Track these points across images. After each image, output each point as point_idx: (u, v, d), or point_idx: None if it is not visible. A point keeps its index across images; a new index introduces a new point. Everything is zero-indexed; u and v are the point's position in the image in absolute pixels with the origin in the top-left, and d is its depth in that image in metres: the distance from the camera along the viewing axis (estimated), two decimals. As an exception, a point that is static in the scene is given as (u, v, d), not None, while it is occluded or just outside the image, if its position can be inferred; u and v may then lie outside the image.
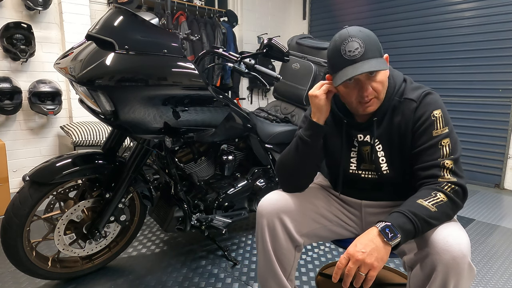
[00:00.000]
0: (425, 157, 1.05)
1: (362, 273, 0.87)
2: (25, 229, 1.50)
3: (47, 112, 2.90)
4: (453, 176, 1.00)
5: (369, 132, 1.13)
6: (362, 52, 0.99)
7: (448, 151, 1.03)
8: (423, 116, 1.06)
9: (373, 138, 1.13)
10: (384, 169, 1.14)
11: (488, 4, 3.38)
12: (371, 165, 1.16)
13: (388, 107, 1.10)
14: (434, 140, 1.04)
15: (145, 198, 1.78)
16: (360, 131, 1.15)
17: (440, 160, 1.02)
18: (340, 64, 1.01)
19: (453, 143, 1.04)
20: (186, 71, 1.45)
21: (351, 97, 1.05)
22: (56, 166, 1.51)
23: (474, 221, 2.60)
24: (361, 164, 1.18)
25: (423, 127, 1.06)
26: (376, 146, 1.14)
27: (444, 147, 1.03)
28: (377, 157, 1.14)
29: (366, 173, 1.19)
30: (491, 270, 1.91)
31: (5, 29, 2.75)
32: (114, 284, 1.71)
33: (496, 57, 3.38)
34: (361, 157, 1.17)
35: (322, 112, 1.12)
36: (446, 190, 0.98)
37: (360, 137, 1.16)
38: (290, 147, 1.21)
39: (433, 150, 1.04)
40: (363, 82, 1.02)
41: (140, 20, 1.40)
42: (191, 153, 1.83)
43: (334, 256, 2.02)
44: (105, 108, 1.35)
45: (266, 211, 1.15)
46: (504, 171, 3.43)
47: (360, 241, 0.89)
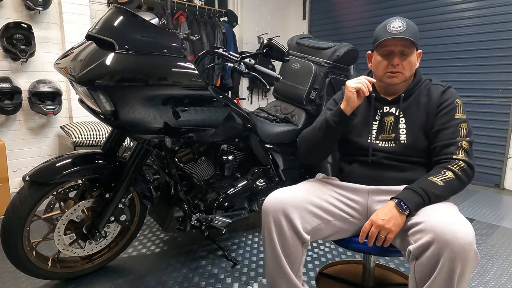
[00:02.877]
0: (445, 135, 1.20)
1: (382, 235, 1.08)
2: (25, 229, 1.50)
3: (47, 112, 2.90)
4: (466, 155, 1.18)
5: (396, 106, 1.30)
6: (404, 29, 1.19)
7: (465, 133, 1.20)
8: (449, 100, 1.24)
9: (398, 110, 1.28)
10: (403, 138, 1.26)
11: (488, 4, 3.38)
12: (389, 134, 1.28)
13: (415, 89, 1.30)
14: (455, 122, 1.21)
15: (145, 198, 1.78)
16: (387, 104, 1.31)
17: (458, 140, 1.19)
18: (383, 35, 1.21)
19: (469, 128, 1.23)
20: (186, 71, 1.45)
21: (381, 66, 1.25)
22: (56, 166, 1.51)
23: (474, 221, 2.60)
24: (379, 135, 1.30)
25: (447, 108, 1.23)
26: (400, 117, 1.28)
27: (462, 129, 1.21)
28: (398, 128, 1.28)
29: (384, 143, 1.29)
30: (491, 270, 1.91)
31: (5, 29, 2.75)
32: (114, 284, 1.71)
33: (496, 57, 3.38)
34: (381, 128, 1.30)
35: (349, 104, 1.23)
36: (455, 168, 1.15)
37: (386, 109, 1.31)
38: (315, 125, 1.34)
39: (453, 129, 1.20)
40: (395, 54, 1.22)
41: (140, 20, 1.40)
42: (191, 153, 1.83)
43: (334, 256, 2.02)
44: (105, 108, 1.35)
45: (271, 209, 1.16)
46: (504, 171, 3.43)
47: (380, 211, 1.10)
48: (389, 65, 1.23)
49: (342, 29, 4.61)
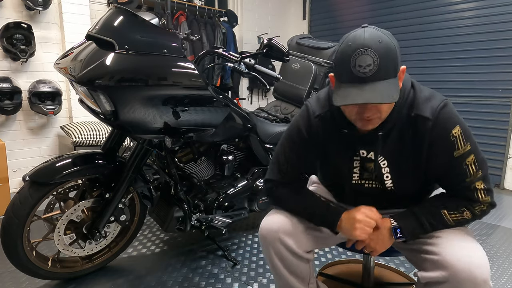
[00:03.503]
0: (450, 180, 1.00)
1: (366, 250, 1.05)
2: (25, 229, 1.50)
3: (47, 112, 2.90)
4: (486, 195, 0.97)
5: (373, 148, 1.03)
6: (374, 70, 0.85)
7: (475, 169, 0.95)
8: (441, 138, 0.96)
9: (377, 155, 1.04)
10: (389, 185, 1.07)
11: (488, 4, 3.38)
12: (374, 179, 1.09)
13: (396, 121, 0.98)
14: (457, 162, 0.96)
15: (145, 198, 1.78)
16: (363, 145, 1.05)
17: (469, 183, 0.96)
18: (346, 77, 0.89)
19: (479, 158, 0.96)
20: (186, 71, 1.45)
21: (351, 111, 0.95)
22: (56, 166, 1.51)
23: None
24: (363, 173, 1.09)
25: (442, 149, 0.96)
26: (381, 162, 1.05)
27: (469, 166, 0.95)
28: (381, 174, 1.06)
29: (370, 183, 1.10)
30: (491, 270, 1.91)
31: (5, 29, 2.75)
32: (114, 284, 1.71)
33: (496, 57, 3.38)
34: (364, 168, 1.09)
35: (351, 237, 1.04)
36: (476, 210, 0.98)
37: (362, 153, 1.06)
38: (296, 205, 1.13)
39: (457, 172, 0.97)
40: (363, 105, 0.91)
41: (140, 20, 1.40)
42: (191, 153, 1.83)
43: (334, 256, 2.02)
44: (105, 108, 1.35)
45: (268, 238, 1.10)
46: (504, 171, 3.43)
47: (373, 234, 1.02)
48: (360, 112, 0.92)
49: (342, 29, 4.60)
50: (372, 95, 0.85)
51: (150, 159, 1.93)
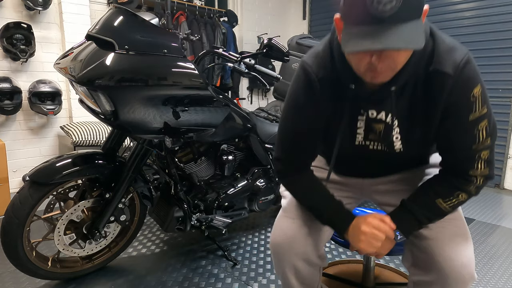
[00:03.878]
0: (457, 143, 0.88)
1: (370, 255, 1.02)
2: (25, 229, 1.49)
3: (47, 112, 2.90)
4: (486, 167, 0.88)
5: (384, 108, 0.89)
6: (397, 8, 0.68)
7: (485, 135, 0.85)
8: (461, 99, 0.83)
9: (388, 115, 0.90)
10: (398, 147, 0.94)
11: (488, 4, 3.38)
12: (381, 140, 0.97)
13: (410, 75, 0.84)
14: (470, 126, 0.85)
15: (145, 198, 1.78)
16: (372, 105, 0.90)
17: (475, 150, 0.86)
18: (360, 17, 0.72)
19: (491, 124, 0.86)
20: (186, 71, 1.45)
21: (360, 61, 0.78)
22: (56, 166, 1.51)
23: (474, 221, 2.60)
24: (369, 134, 0.96)
25: (458, 110, 0.85)
26: (391, 123, 0.91)
27: (480, 132, 0.85)
28: (391, 135, 0.93)
29: (375, 145, 0.97)
30: (491, 270, 1.91)
31: (5, 29, 2.75)
32: (114, 284, 1.71)
33: (496, 57, 3.38)
34: (370, 129, 0.95)
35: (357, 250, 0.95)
36: (471, 189, 0.90)
37: (372, 114, 0.92)
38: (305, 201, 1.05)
39: (466, 136, 0.86)
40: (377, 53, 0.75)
41: (140, 20, 1.40)
42: (191, 153, 1.83)
43: (334, 256, 2.02)
44: (105, 108, 1.35)
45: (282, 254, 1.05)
46: (504, 171, 3.43)
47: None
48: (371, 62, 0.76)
49: (342, 29, 4.60)
50: (393, 40, 0.69)
51: (150, 159, 1.93)
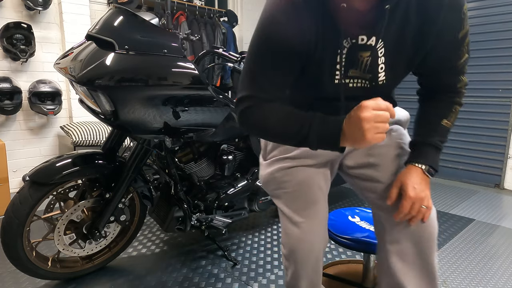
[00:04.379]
0: (448, 62, 0.89)
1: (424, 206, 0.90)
2: (25, 229, 1.50)
3: (47, 112, 2.90)
4: (465, 77, 0.93)
5: (376, 31, 0.80)
6: None
7: (466, 51, 0.89)
8: (456, 16, 0.81)
9: (379, 39, 0.81)
10: (381, 79, 0.87)
11: (488, 4, 3.38)
12: (364, 74, 0.87)
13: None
14: (458, 43, 0.86)
15: (145, 198, 1.78)
16: (363, 29, 0.80)
17: (460, 65, 0.90)
18: None
19: (469, 41, 0.88)
20: (186, 71, 1.45)
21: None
22: (56, 166, 1.51)
23: (474, 221, 2.60)
24: (349, 70, 0.86)
25: (451, 27, 0.83)
26: (379, 50, 0.83)
27: (464, 48, 0.88)
28: (376, 65, 0.85)
29: (355, 81, 0.88)
30: (491, 270, 1.91)
31: (5, 29, 2.75)
32: (114, 284, 1.71)
33: (496, 57, 3.38)
34: (350, 62, 0.85)
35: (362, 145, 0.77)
36: (461, 99, 0.96)
37: (361, 39, 0.81)
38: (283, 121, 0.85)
39: (456, 53, 0.88)
40: None
41: (140, 20, 1.40)
42: (191, 153, 1.83)
43: (334, 256, 2.02)
44: (105, 108, 1.35)
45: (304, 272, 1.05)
46: (504, 171, 3.43)
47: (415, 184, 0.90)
48: None
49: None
50: None
51: (150, 159, 1.93)
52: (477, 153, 3.57)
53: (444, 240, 2.27)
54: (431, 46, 0.85)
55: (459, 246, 2.19)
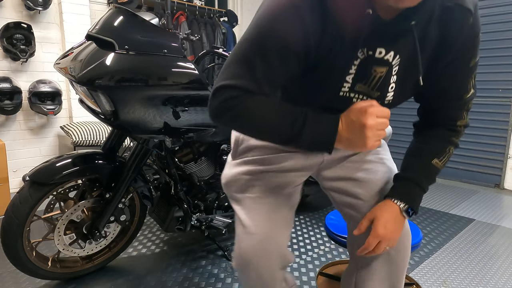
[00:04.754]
0: (454, 91, 0.84)
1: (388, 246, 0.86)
2: (25, 229, 1.49)
3: (47, 112, 2.90)
4: (468, 117, 0.87)
5: (396, 46, 0.74)
6: None
7: (473, 83, 0.84)
8: (472, 40, 0.77)
9: (398, 56, 0.76)
10: (389, 98, 0.82)
11: (488, 4, 3.38)
12: (373, 91, 0.81)
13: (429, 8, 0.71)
14: (470, 72, 0.82)
15: (145, 198, 1.78)
16: (383, 42, 0.74)
17: (466, 100, 0.85)
18: None
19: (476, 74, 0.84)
20: (186, 71, 1.45)
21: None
22: (56, 166, 1.51)
23: (474, 221, 2.60)
24: (356, 84, 0.79)
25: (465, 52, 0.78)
26: (394, 67, 0.77)
27: (472, 81, 0.83)
28: (388, 83, 0.80)
29: (360, 97, 0.82)
30: (491, 270, 1.91)
31: (5, 29, 2.75)
32: (114, 284, 1.71)
33: (496, 57, 3.38)
34: (360, 75, 0.78)
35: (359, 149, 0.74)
36: (457, 140, 0.89)
37: (380, 52, 0.75)
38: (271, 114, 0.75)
39: (464, 84, 0.83)
40: None
41: (140, 20, 1.40)
42: (191, 153, 1.83)
43: (334, 256, 2.02)
44: (105, 108, 1.35)
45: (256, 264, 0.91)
46: (504, 171, 3.43)
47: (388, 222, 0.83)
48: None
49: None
50: None
51: (150, 159, 1.93)
52: (477, 153, 3.57)
53: (444, 240, 2.27)
54: (442, 70, 0.81)
55: (459, 246, 2.19)
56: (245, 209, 0.93)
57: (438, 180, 3.81)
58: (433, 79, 0.82)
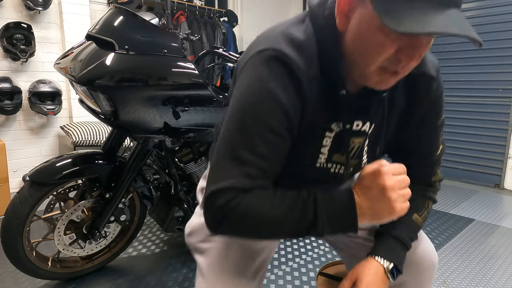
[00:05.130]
0: (426, 150, 0.85)
1: None
2: (25, 229, 1.50)
3: (47, 112, 2.90)
4: (440, 170, 0.88)
5: (371, 117, 0.75)
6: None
7: (442, 141, 0.87)
8: (437, 103, 0.80)
9: (373, 124, 0.77)
10: (364, 162, 0.83)
11: (488, 4, 3.38)
12: (351, 160, 0.80)
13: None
14: (437, 131, 0.84)
15: (145, 198, 1.78)
16: (356, 113, 0.74)
17: (435, 155, 0.86)
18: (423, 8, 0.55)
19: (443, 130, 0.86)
20: (186, 71, 1.45)
21: (378, 56, 0.60)
22: (56, 166, 1.51)
23: (474, 221, 2.60)
24: (333, 155, 0.78)
25: (433, 114, 0.81)
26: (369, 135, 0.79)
27: (441, 137, 0.86)
28: (363, 150, 0.80)
29: (337, 167, 0.80)
30: (491, 270, 1.91)
31: (5, 29, 2.75)
32: (114, 284, 1.71)
33: (496, 57, 3.38)
34: (337, 146, 0.77)
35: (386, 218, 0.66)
36: (435, 195, 0.89)
37: (357, 125, 0.75)
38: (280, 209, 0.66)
39: (434, 142, 0.85)
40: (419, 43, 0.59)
41: (140, 20, 1.40)
42: (191, 153, 1.83)
43: (334, 256, 2.02)
44: (105, 108, 1.35)
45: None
46: (504, 171, 3.43)
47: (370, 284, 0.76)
48: (395, 59, 0.60)
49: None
50: (463, 25, 0.55)
51: (150, 159, 1.93)
52: (477, 153, 3.57)
53: (444, 240, 2.27)
54: (411, 132, 0.82)
55: (459, 246, 2.19)
56: (209, 261, 0.81)
57: (438, 180, 3.82)
58: (403, 140, 0.84)
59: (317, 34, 0.68)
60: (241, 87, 0.68)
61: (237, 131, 0.66)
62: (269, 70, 0.65)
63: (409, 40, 0.59)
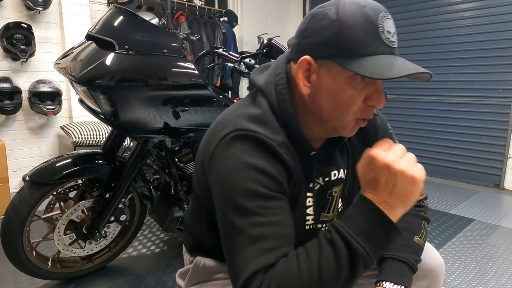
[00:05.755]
0: None
1: None
2: (25, 229, 1.50)
3: (47, 112, 2.90)
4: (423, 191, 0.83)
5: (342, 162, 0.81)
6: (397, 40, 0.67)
7: None
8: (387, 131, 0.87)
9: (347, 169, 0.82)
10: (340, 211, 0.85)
11: (488, 4, 3.38)
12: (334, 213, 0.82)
13: None
14: None
15: (145, 198, 1.78)
16: (329, 165, 0.79)
17: None
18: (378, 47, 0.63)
19: None
20: (186, 71, 1.45)
21: (350, 108, 0.66)
22: (56, 166, 1.51)
23: (474, 221, 2.60)
24: (320, 214, 0.79)
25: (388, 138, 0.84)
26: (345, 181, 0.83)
27: None
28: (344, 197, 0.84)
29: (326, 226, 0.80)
30: (491, 270, 1.91)
31: (5, 29, 2.75)
32: (114, 284, 1.71)
33: (496, 57, 3.38)
34: (321, 204, 0.78)
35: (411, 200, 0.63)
36: (426, 214, 0.90)
37: (334, 174, 0.79)
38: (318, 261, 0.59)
39: None
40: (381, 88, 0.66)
41: (140, 20, 1.40)
42: (191, 153, 1.83)
43: None
44: (105, 108, 1.35)
45: None
46: (504, 171, 3.43)
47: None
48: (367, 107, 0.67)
49: (342, 29, 4.60)
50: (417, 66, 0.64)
51: (150, 159, 1.93)
52: (477, 153, 3.57)
53: (444, 240, 2.27)
54: None
55: (459, 246, 2.19)
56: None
57: (438, 180, 3.81)
58: None
59: (275, 107, 0.71)
60: (219, 176, 0.67)
61: (236, 217, 0.64)
62: (240, 148, 0.65)
63: (374, 87, 0.65)
